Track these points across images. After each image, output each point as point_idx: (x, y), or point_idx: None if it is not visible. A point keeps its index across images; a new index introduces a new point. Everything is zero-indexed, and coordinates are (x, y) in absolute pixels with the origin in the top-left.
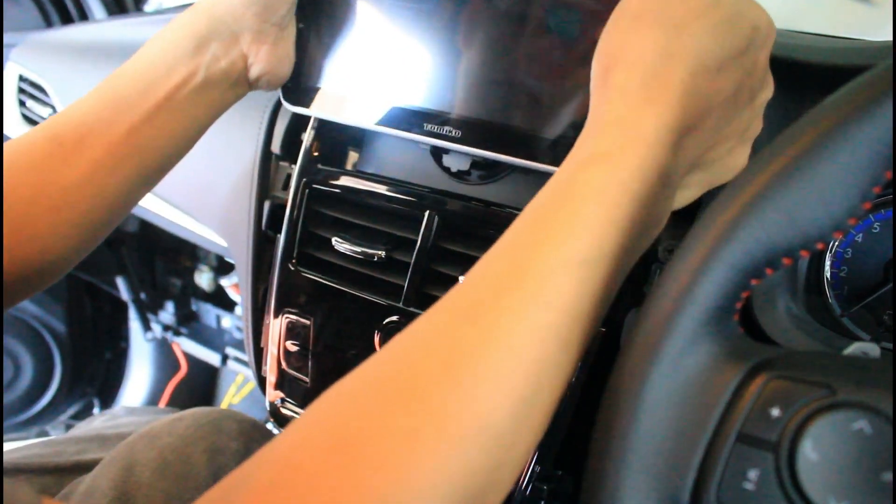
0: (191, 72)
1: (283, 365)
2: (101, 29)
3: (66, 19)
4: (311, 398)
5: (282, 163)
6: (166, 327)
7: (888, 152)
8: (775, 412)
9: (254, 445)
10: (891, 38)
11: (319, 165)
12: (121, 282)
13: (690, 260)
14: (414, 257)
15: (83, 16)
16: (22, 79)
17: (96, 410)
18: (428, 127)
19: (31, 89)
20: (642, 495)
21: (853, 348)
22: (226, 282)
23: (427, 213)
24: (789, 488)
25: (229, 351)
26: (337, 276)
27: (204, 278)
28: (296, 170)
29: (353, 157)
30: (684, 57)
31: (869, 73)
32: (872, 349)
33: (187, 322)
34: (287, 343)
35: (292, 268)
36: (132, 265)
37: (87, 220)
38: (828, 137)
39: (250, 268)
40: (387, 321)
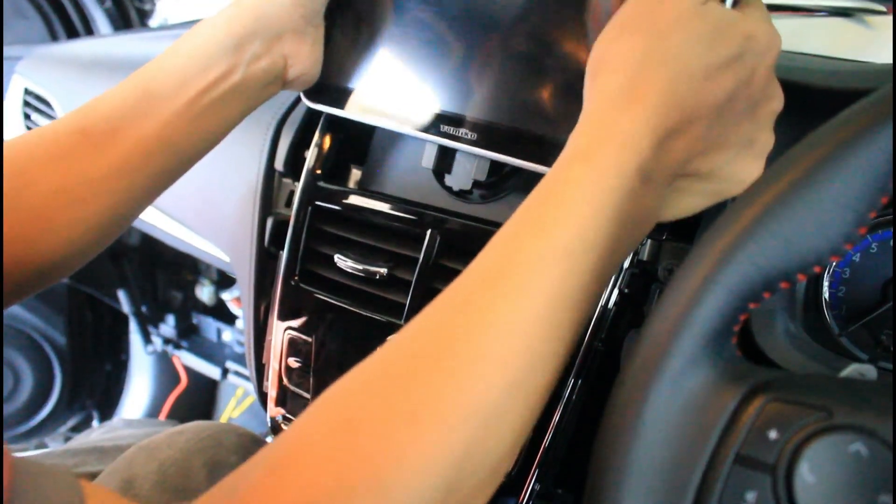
0: (229, 68)
1: (285, 381)
2: (107, 44)
3: (71, 34)
4: None
5: (285, 180)
6: (167, 340)
7: (884, 179)
8: (773, 434)
9: None
10: (887, 60)
11: (322, 183)
12: (122, 294)
13: (689, 284)
14: (416, 275)
15: (89, 30)
16: (27, 92)
17: (95, 423)
18: (444, 129)
19: (36, 102)
20: None
21: (850, 370)
22: (227, 295)
23: (429, 232)
24: None
25: (230, 364)
26: (339, 293)
27: (205, 292)
28: (299, 187)
29: (355, 175)
30: (666, 62)
31: (865, 101)
32: (869, 371)
33: (188, 335)
34: (289, 359)
35: (294, 284)
36: (134, 278)
37: (111, 214)
38: (824, 164)
39: (253, 284)
40: (388, 339)
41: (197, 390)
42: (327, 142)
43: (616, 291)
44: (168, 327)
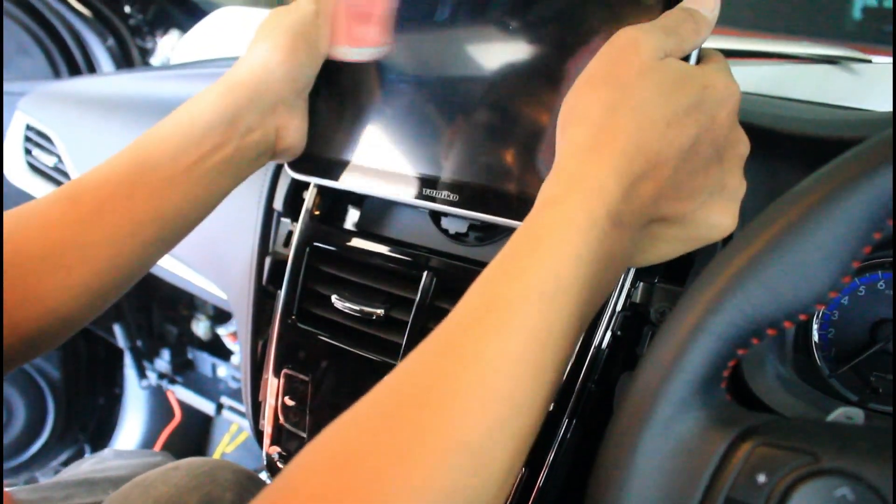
0: (223, 140)
1: (281, 419)
2: (109, 82)
3: (74, 71)
4: None
5: (283, 220)
6: (162, 375)
7: (868, 229)
8: (761, 478)
9: (248, 496)
10: (871, 106)
11: (320, 224)
12: (117, 328)
13: (678, 331)
14: (412, 316)
15: (91, 68)
16: (29, 128)
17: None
18: (426, 192)
19: (37, 138)
20: None
21: (837, 413)
22: (222, 331)
23: (425, 274)
24: None
25: (224, 400)
26: (336, 333)
27: (201, 327)
28: (297, 227)
29: (353, 216)
30: (629, 111)
31: (848, 154)
32: (857, 414)
33: (183, 370)
34: (285, 398)
35: (292, 323)
36: (129, 312)
37: (101, 282)
38: (808, 216)
39: (250, 322)
40: (381, 380)
41: (191, 425)
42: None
43: (609, 333)
44: (163, 362)
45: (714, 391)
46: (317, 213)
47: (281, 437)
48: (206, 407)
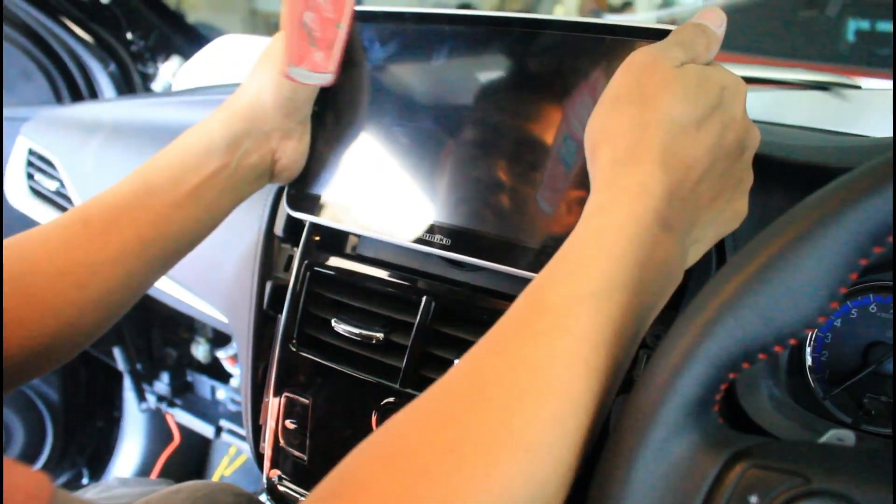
0: (223, 165)
1: (282, 442)
2: (111, 108)
3: (76, 96)
4: (308, 476)
5: (284, 245)
6: (161, 398)
7: (854, 256)
8: (753, 500)
9: None
10: (860, 131)
11: (321, 249)
12: (117, 352)
13: (672, 355)
14: (411, 340)
15: (93, 93)
16: (31, 153)
17: (85, 480)
18: (419, 235)
19: (39, 163)
20: None
21: (829, 436)
22: (222, 354)
23: (424, 298)
24: None
25: (223, 423)
26: (336, 356)
27: (200, 350)
28: (298, 252)
29: (353, 241)
30: (659, 122)
31: (836, 183)
32: (847, 436)
33: (182, 393)
34: (286, 421)
35: (293, 348)
36: (129, 335)
37: (110, 297)
38: (798, 244)
39: (251, 345)
40: (384, 402)
41: (190, 448)
42: None
43: None
44: (162, 385)
45: (707, 414)
46: (317, 238)
47: (281, 460)
48: (205, 430)
